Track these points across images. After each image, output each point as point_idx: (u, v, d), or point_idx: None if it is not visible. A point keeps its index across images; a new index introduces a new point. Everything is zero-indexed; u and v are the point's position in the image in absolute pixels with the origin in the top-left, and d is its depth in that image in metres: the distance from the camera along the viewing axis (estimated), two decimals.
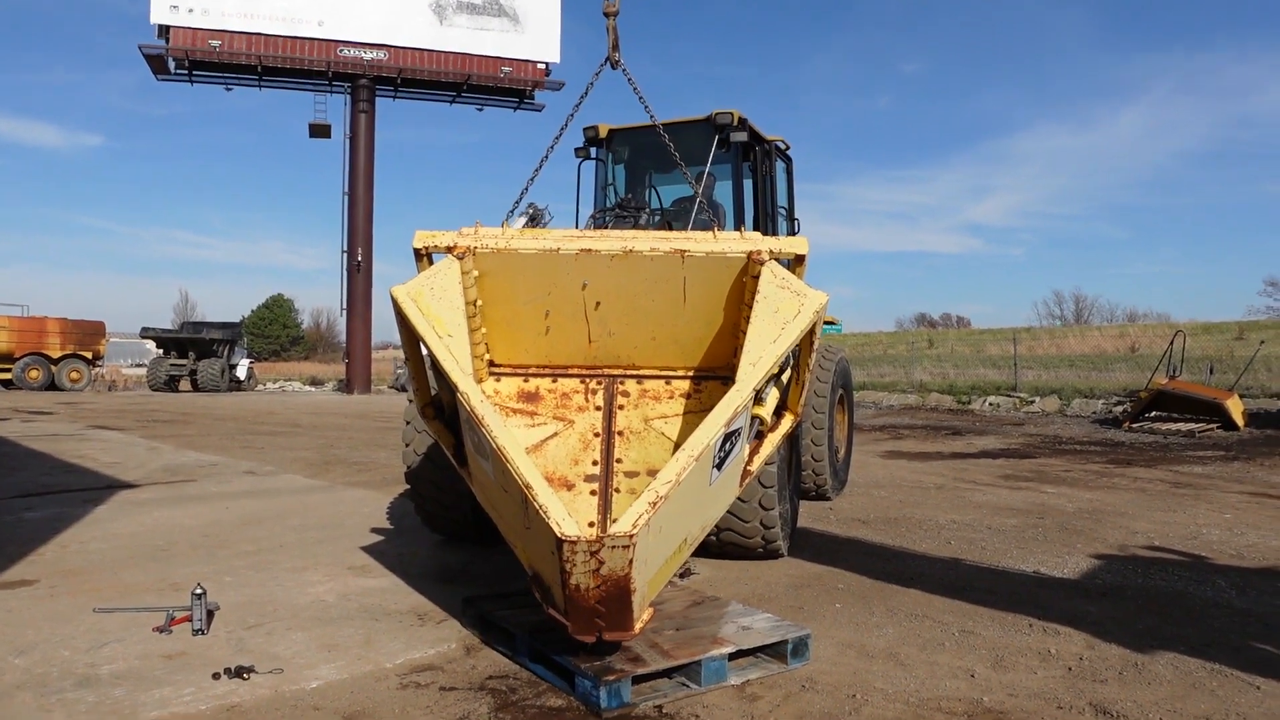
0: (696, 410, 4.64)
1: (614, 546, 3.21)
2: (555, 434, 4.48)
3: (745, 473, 4.30)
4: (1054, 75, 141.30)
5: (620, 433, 4.44)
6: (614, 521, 4.03)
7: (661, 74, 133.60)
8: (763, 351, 3.92)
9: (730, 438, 3.81)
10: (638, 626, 3.59)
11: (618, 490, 4.20)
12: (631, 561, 3.26)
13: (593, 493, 4.18)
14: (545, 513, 3.29)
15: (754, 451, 4.38)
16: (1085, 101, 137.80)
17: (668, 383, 4.70)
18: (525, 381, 4.75)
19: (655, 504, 3.29)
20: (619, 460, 4.33)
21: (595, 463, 4.29)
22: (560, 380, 4.69)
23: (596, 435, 4.40)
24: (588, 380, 4.64)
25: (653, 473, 4.26)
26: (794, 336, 3.99)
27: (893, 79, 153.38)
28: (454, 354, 3.98)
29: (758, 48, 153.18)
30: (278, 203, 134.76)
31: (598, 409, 4.49)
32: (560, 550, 3.24)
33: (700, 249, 4.37)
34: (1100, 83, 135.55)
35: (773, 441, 4.46)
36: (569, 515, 3.30)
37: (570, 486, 4.24)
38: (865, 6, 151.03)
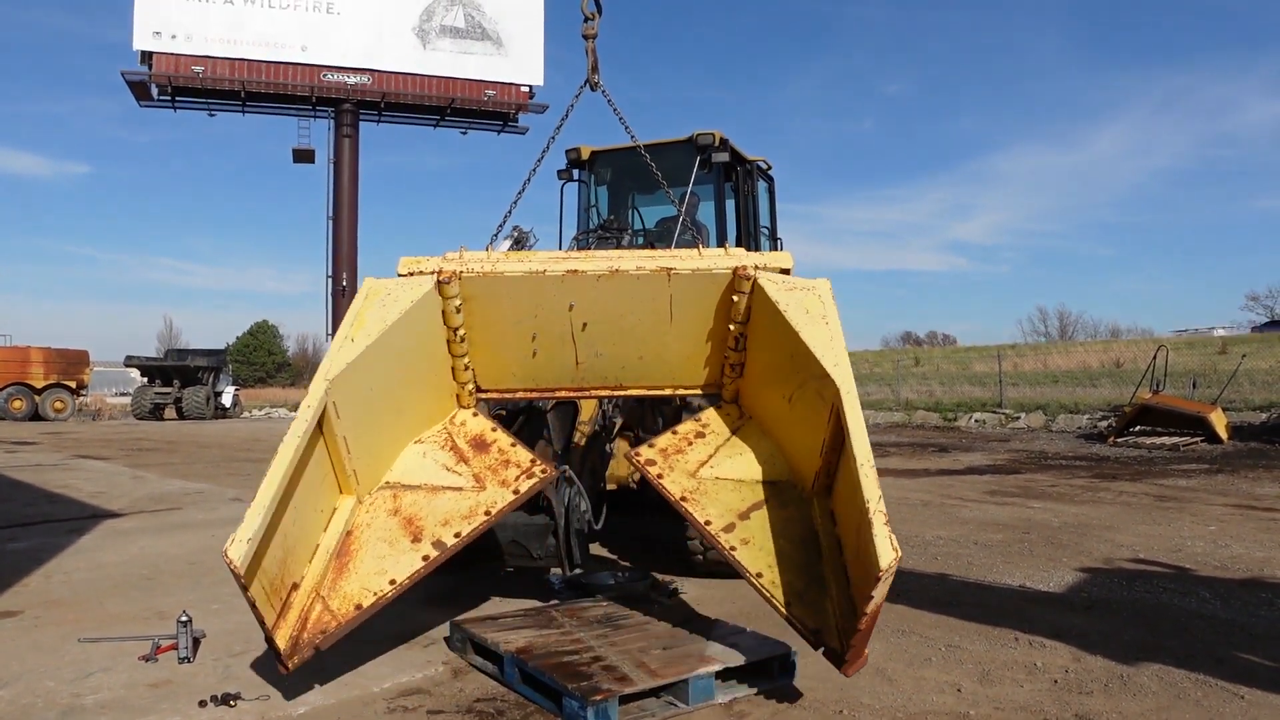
0: (725, 438, 4.59)
1: (888, 579, 3.19)
2: (459, 489, 4.39)
3: None
4: (1035, 95, 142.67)
5: (684, 499, 4.27)
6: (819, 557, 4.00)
7: (643, 96, 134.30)
8: (835, 352, 3.93)
9: None
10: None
11: (734, 549, 4.03)
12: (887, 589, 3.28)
13: (424, 558, 4.04)
14: (233, 534, 3.35)
15: None
16: (1066, 121, 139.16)
17: (674, 434, 4.62)
18: (493, 430, 4.69)
19: (888, 520, 3.31)
20: (708, 523, 4.15)
21: (458, 535, 4.14)
22: (518, 448, 4.55)
23: (487, 514, 4.23)
24: (536, 463, 4.45)
25: (744, 516, 4.18)
26: (838, 326, 4.05)
27: (875, 100, 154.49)
28: (335, 356, 4.00)
29: (740, 70, 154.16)
30: (262, 228, 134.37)
31: (515, 494, 4.32)
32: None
33: (686, 266, 4.40)
34: (1081, 102, 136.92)
35: None
36: (243, 540, 3.32)
37: (416, 539, 4.15)
38: (848, 29, 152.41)
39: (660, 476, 4.39)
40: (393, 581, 3.95)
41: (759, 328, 4.42)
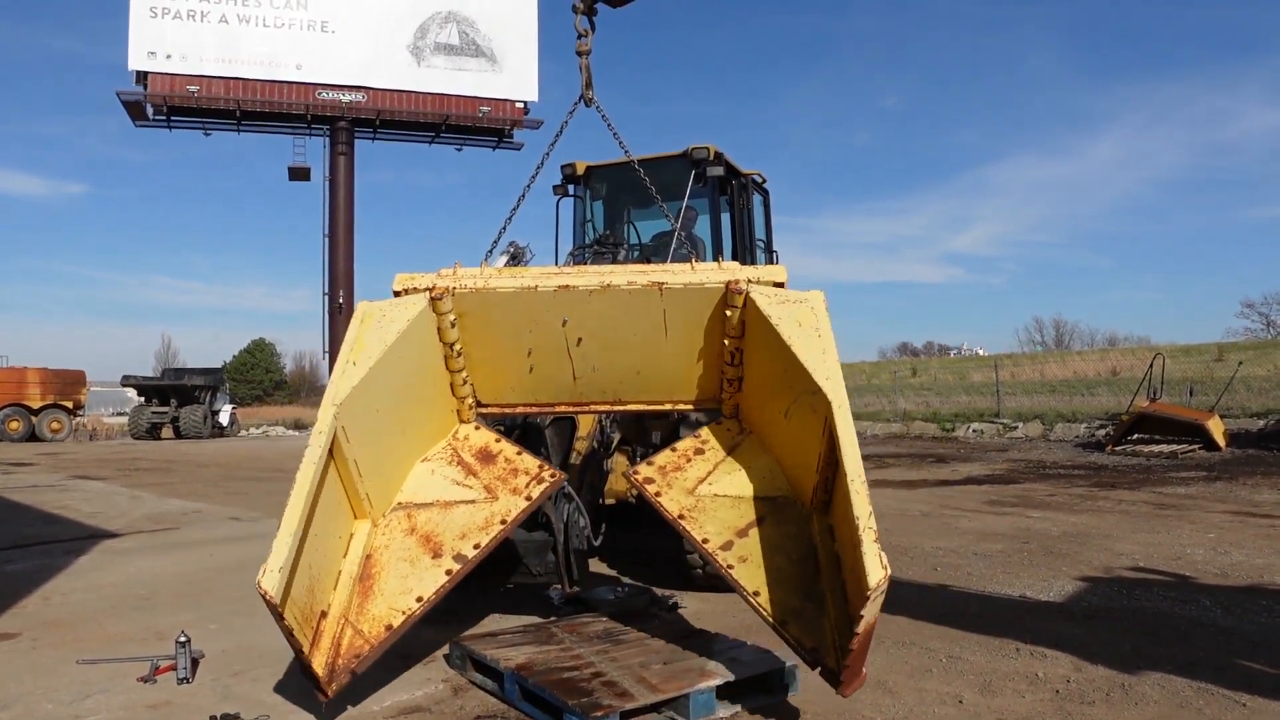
0: (724, 455, 4.56)
1: (878, 597, 3.17)
2: (472, 501, 4.39)
3: None
4: (1031, 106, 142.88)
5: (681, 517, 4.25)
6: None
7: (639, 110, 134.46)
8: (827, 366, 3.92)
9: None
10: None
11: (731, 567, 3.99)
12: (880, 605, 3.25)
13: (447, 572, 4.06)
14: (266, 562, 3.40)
15: None
16: (1062, 132, 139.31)
17: (673, 451, 4.59)
18: (497, 441, 4.69)
19: (878, 538, 3.27)
20: (705, 541, 4.13)
21: (477, 546, 4.15)
22: (524, 456, 4.56)
23: (503, 523, 4.24)
24: (545, 468, 4.46)
25: (742, 533, 4.14)
26: (831, 339, 4.03)
27: (871, 113, 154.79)
28: (339, 381, 4.00)
29: (736, 83, 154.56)
30: (259, 246, 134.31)
31: (528, 500, 4.33)
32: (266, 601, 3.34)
33: (678, 280, 4.40)
34: (1076, 113, 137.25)
35: None
36: (274, 569, 3.40)
37: (437, 555, 4.16)
38: (843, 42, 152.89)
39: (658, 495, 4.36)
40: (420, 599, 3.96)
41: (754, 342, 4.41)
